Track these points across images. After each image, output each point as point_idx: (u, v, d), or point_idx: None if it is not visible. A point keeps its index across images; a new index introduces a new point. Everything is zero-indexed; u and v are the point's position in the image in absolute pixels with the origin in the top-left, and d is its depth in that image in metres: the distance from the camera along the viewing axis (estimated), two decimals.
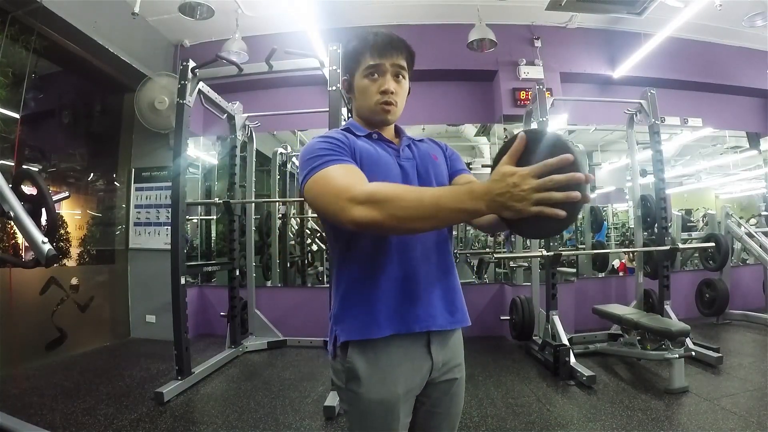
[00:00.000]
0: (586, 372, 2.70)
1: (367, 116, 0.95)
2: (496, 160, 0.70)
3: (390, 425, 0.85)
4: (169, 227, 3.43)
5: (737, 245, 4.47)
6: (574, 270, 4.65)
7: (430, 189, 0.77)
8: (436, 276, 0.89)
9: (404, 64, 0.92)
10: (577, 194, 0.61)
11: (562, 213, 0.62)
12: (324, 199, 0.78)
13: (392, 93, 0.91)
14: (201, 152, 4.77)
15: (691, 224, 5.42)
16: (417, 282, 0.86)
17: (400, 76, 0.92)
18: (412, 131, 1.00)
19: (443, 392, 0.92)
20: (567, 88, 4.27)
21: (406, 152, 0.95)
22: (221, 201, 3.66)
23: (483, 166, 4.55)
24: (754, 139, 5.13)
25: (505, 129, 4.14)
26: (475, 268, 4.90)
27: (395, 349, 0.85)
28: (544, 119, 3.28)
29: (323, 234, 4.77)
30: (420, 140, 1.02)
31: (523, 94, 4.03)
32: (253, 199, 4.04)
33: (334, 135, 0.89)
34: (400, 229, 0.75)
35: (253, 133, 4.04)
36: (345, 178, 0.78)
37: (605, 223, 5.32)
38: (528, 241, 3.81)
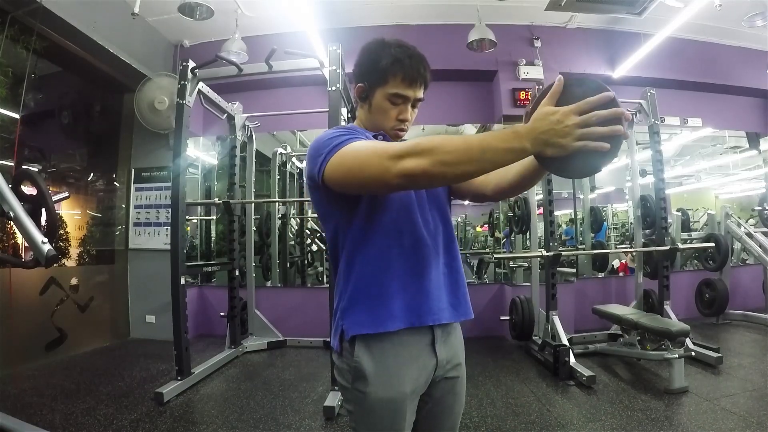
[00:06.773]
0: (586, 372, 2.70)
1: (376, 133, 0.96)
2: (536, 104, 0.71)
3: (397, 425, 0.85)
4: (169, 227, 3.44)
5: (737, 245, 4.47)
6: (574, 270, 4.65)
7: (473, 135, 0.76)
8: (445, 270, 0.91)
9: (423, 96, 0.94)
10: (620, 128, 0.65)
11: (606, 145, 0.66)
12: (361, 168, 0.76)
13: (408, 121, 0.94)
14: (201, 152, 4.77)
15: (693, 221, 5.40)
16: (428, 275, 0.87)
17: (417, 105, 0.95)
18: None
19: (446, 390, 0.93)
20: None
21: None
22: (221, 201, 3.66)
23: None
24: (753, 139, 5.13)
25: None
26: (474, 268, 4.90)
27: (402, 348, 0.86)
28: None
29: (323, 234, 4.77)
30: None
31: (522, 94, 4.02)
32: (253, 199, 4.04)
33: (344, 126, 0.91)
34: (449, 176, 0.72)
35: (253, 134, 4.05)
36: (375, 145, 0.78)
37: (605, 223, 5.32)
38: (528, 241, 3.81)
